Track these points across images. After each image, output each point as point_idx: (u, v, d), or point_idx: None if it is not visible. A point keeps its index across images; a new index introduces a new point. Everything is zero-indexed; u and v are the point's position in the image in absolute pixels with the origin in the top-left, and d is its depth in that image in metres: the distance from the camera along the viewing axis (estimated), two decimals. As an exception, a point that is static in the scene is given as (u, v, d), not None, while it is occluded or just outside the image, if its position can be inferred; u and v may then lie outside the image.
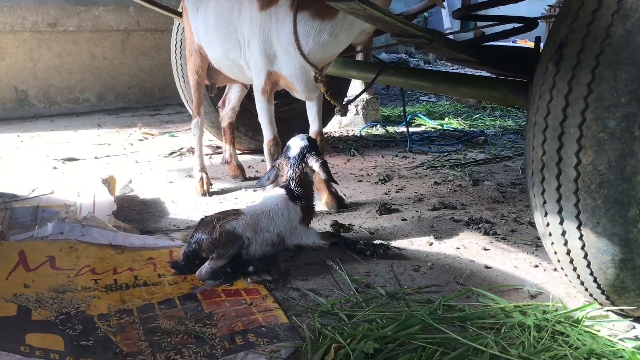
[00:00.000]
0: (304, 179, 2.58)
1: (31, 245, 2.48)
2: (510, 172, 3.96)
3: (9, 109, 6.26)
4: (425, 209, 3.17)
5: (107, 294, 2.16)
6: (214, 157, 4.51)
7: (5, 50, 6.13)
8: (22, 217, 2.79)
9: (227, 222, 2.36)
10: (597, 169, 1.68)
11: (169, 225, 2.96)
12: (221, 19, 2.98)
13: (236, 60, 3.01)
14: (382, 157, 4.45)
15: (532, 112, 1.88)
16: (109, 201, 3.04)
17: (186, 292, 2.19)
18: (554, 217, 1.84)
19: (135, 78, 6.99)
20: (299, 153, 2.58)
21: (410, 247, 2.65)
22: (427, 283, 2.28)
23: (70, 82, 6.58)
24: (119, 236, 2.63)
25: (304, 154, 2.57)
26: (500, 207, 3.21)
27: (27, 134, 5.40)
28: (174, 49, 4.26)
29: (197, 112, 3.59)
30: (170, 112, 6.73)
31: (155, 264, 2.44)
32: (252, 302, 2.09)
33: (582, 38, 1.68)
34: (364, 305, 2.06)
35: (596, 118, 1.65)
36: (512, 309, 2.01)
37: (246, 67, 2.97)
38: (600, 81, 1.63)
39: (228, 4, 2.94)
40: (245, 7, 2.82)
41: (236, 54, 2.97)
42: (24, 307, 1.97)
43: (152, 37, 6.99)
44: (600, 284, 1.86)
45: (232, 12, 2.90)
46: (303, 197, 2.57)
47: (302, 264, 2.47)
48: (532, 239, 2.72)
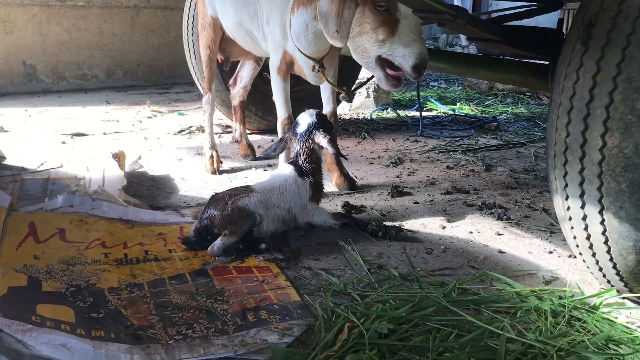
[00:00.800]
0: (311, 155, 2.56)
1: (41, 217, 2.46)
2: (523, 158, 3.92)
3: (17, 83, 6.23)
4: (437, 193, 3.13)
5: (118, 268, 2.14)
6: (223, 135, 4.48)
7: (14, 24, 6.09)
8: (32, 189, 2.76)
9: (239, 199, 2.33)
10: (623, 152, 1.63)
11: (179, 202, 2.94)
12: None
13: (252, 31, 2.98)
14: (393, 140, 4.40)
15: (556, 93, 1.83)
16: (118, 176, 3.02)
17: (197, 267, 2.16)
18: (575, 201, 1.80)
19: (144, 56, 6.94)
20: (306, 129, 2.56)
21: (422, 230, 2.62)
22: (441, 266, 2.25)
23: (79, 58, 6.54)
24: (129, 211, 2.60)
25: (312, 130, 2.55)
26: (514, 192, 3.17)
27: (35, 109, 5.37)
28: (186, 25, 4.21)
29: (208, 88, 3.55)
30: (179, 91, 6.68)
31: (165, 239, 2.41)
32: (263, 279, 2.07)
33: (613, 17, 1.63)
34: (376, 286, 2.04)
35: (624, 99, 1.60)
36: (528, 293, 1.98)
37: (262, 39, 2.94)
38: (631, 61, 1.58)
39: None
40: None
41: (253, 25, 2.95)
42: (34, 278, 1.95)
43: (162, 14, 6.93)
44: (619, 270, 1.82)
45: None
46: (311, 173, 2.55)
47: (314, 243, 2.45)
48: (546, 225, 2.68)
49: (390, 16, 2.33)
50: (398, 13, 2.32)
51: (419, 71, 2.32)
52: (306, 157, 2.55)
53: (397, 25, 2.32)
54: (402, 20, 2.32)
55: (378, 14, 2.33)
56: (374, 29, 2.35)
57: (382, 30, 2.34)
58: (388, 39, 2.33)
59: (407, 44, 2.31)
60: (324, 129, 2.55)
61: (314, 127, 2.55)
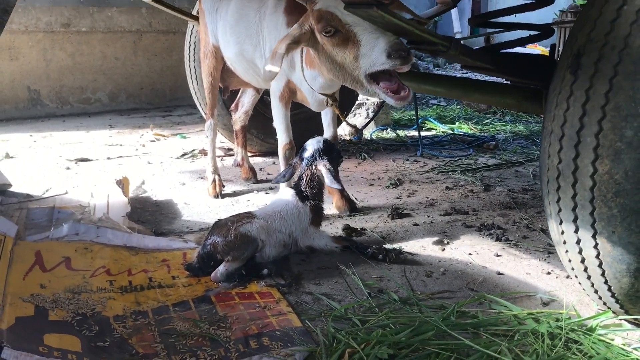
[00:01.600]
0: (313, 181, 2.61)
1: (47, 245, 2.51)
2: (521, 177, 3.96)
3: (22, 108, 6.32)
4: (437, 214, 3.18)
5: (122, 295, 2.18)
6: (225, 158, 4.53)
7: (19, 50, 6.19)
8: (38, 218, 2.82)
9: (241, 225, 2.38)
10: (614, 178, 1.68)
11: (182, 227, 2.98)
12: (243, 19, 3.02)
13: (254, 60, 3.05)
14: (393, 161, 4.46)
15: (548, 120, 1.88)
16: (123, 202, 3.07)
17: (200, 294, 2.20)
18: (568, 225, 1.84)
19: (146, 79, 7.03)
20: (311, 155, 2.62)
21: (422, 253, 2.66)
22: (440, 289, 2.29)
23: (83, 82, 6.63)
24: (134, 237, 2.65)
25: (316, 157, 2.60)
26: (512, 213, 3.21)
27: (39, 134, 5.44)
28: (188, 52, 4.29)
29: (210, 114, 3.62)
30: (181, 114, 6.76)
31: (169, 265, 2.46)
32: (265, 305, 2.10)
33: (600, 47, 1.68)
34: (377, 311, 2.07)
35: (613, 127, 1.65)
36: (525, 316, 2.01)
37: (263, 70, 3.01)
38: (618, 91, 1.64)
39: (253, 5, 3.00)
40: (271, 15, 2.86)
41: (256, 54, 3.01)
42: (41, 308, 1.99)
43: (164, 38, 7.03)
44: (614, 292, 1.86)
45: (257, 13, 2.96)
46: (312, 197, 2.60)
47: (315, 267, 2.49)
48: (544, 246, 2.72)
49: (343, 33, 2.27)
50: (347, 25, 2.24)
51: (399, 56, 2.14)
52: (308, 182, 2.60)
53: (354, 37, 2.24)
54: (354, 29, 2.24)
55: (333, 40, 2.29)
56: (341, 54, 2.31)
57: (348, 51, 2.28)
58: (357, 53, 2.25)
59: (373, 46, 2.20)
60: (328, 157, 2.60)
61: (319, 155, 2.61)
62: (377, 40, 2.18)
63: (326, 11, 2.26)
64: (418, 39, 2.14)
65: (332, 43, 2.30)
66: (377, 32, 2.19)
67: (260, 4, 2.94)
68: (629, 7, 1.65)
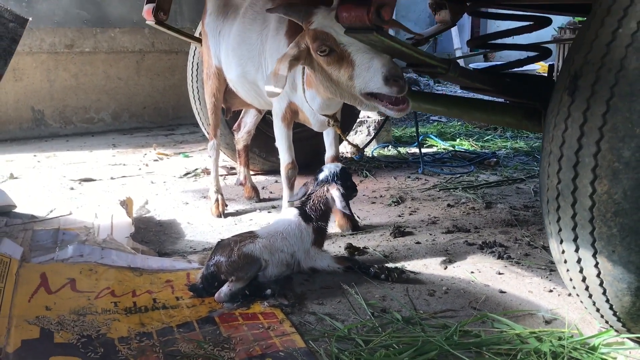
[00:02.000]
0: (320, 203, 2.63)
1: (52, 267, 2.53)
2: (522, 194, 3.98)
3: (26, 128, 6.37)
4: (438, 232, 3.19)
5: (127, 317, 2.19)
6: (228, 177, 4.56)
7: (24, 71, 6.26)
8: (43, 240, 2.84)
9: (244, 245, 2.40)
10: (613, 197, 1.70)
11: (186, 247, 3.00)
12: (245, 42, 3.07)
13: (257, 82, 3.09)
14: (395, 178, 4.48)
15: (547, 140, 1.91)
16: (126, 223, 3.09)
17: (204, 315, 2.22)
18: (569, 245, 1.86)
19: (149, 98, 7.09)
20: (325, 177, 2.67)
21: (425, 271, 2.67)
22: (443, 308, 2.30)
23: (86, 102, 6.69)
24: (138, 258, 2.67)
25: (329, 181, 2.64)
26: (514, 230, 3.22)
27: (43, 154, 5.49)
28: (190, 72, 4.34)
29: (213, 134, 3.65)
30: (184, 132, 6.81)
31: (173, 286, 2.47)
32: (269, 326, 2.12)
33: (597, 70, 1.71)
34: (380, 331, 2.08)
35: (611, 148, 1.67)
36: (527, 335, 2.02)
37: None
38: (615, 112, 1.66)
39: (255, 27, 3.05)
40: (272, 37, 2.91)
41: (258, 75, 3.06)
42: (47, 330, 2.00)
43: (167, 58, 7.11)
44: (616, 311, 1.87)
45: (260, 36, 3.01)
46: (316, 219, 2.62)
47: (318, 287, 2.50)
48: (546, 263, 2.73)
49: (338, 53, 2.29)
50: (342, 45, 2.27)
51: (396, 84, 2.17)
52: (316, 203, 2.63)
53: (349, 56, 2.26)
54: (349, 48, 2.25)
55: (328, 59, 2.33)
56: (336, 73, 2.35)
57: (343, 70, 2.31)
58: (351, 73, 2.28)
59: (368, 67, 2.22)
60: (342, 184, 2.64)
61: (333, 178, 2.65)
62: (372, 61, 2.21)
63: (321, 31, 2.31)
64: (417, 61, 2.18)
65: (327, 62, 2.34)
66: (371, 53, 2.21)
67: (262, 27, 2.99)
68: (624, 30, 1.68)
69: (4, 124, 6.26)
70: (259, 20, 3.03)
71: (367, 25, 1.90)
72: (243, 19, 3.14)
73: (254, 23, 3.06)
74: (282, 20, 2.84)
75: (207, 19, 3.45)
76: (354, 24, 2.00)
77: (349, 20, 1.98)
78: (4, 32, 2.09)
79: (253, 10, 3.10)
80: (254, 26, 3.04)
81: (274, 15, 2.86)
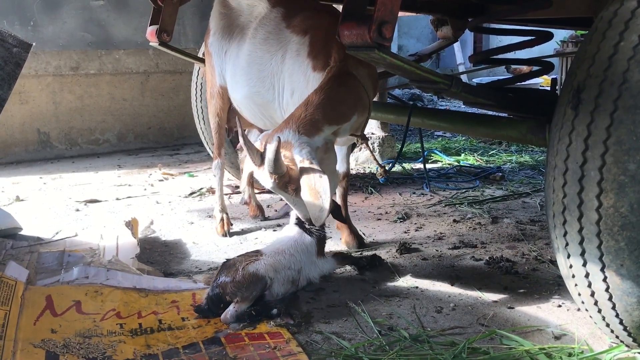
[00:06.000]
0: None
1: (57, 289, 2.52)
2: (529, 209, 3.96)
3: (32, 150, 6.41)
4: (445, 248, 3.18)
5: (133, 339, 2.18)
6: (233, 196, 4.56)
7: (29, 94, 6.31)
8: (49, 262, 2.84)
9: (249, 264, 2.39)
10: (619, 211, 1.69)
11: (191, 267, 2.99)
12: (256, 62, 3.04)
13: (267, 102, 3.07)
14: (400, 194, 4.47)
15: (551, 154, 1.90)
16: (132, 244, 3.09)
17: (210, 336, 2.20)
18: (576, 259, 1.85)
19: (154, 119, 7.12)
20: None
21: (432, 288, 2.65)
22: (451, 325, 2.28)
23: (91, 123, 6.73)
24: (143, 279, 2.66)
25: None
26: (521, 245, 3.20)
27: (49, 176, 5.51)
28: (194, 92, 4.36)
29: (217, 153, 3.66)
30: (189, 152, 6.83)
31: (178, 307, 2.46)
32: (275, 346, 2.10)
33: (600, 83, 1.71)
34: (387, 349, 2.06)
35: (616, 161, 1.67)
36: (537, 351, 2.00)
37: (279, 108, 3.01)
38: (619, 125, 1.66)
39: (268, 48, 3.01)
40: (293, 59, 2.86)
41: (269, 96, 3.03)
42: (52, 353, 1.99)
43: (171, 78, 7.15)
44: (626, 325, 1.85)
45: (273, 57, 2.96)
46: (316, 230, 2.64)
47: (324, 305, 2.48)
48: (554, 278, 2.70)
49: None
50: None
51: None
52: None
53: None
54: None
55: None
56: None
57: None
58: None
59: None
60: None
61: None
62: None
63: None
64: (419, 78, 2.19)
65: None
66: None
67: (277, 47, 2.94)
68: (626, 43, 1.69)
69: (10, 146, 6.30)
70: (272, 41, 2.99)
71: (368, 44, 1.91)
72: (253, 40, 3.10)
73: (266, 43, 3.02)
74: (303, 42, 2.82)
75: (211, 39, 3.46)
76: (355, 42, 2.01)
77: (351, 38, 1.99)
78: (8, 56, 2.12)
79: (265, 30, 3.06)
80: (267, 47, 3.01)
81: (293, 36, 2.87)
